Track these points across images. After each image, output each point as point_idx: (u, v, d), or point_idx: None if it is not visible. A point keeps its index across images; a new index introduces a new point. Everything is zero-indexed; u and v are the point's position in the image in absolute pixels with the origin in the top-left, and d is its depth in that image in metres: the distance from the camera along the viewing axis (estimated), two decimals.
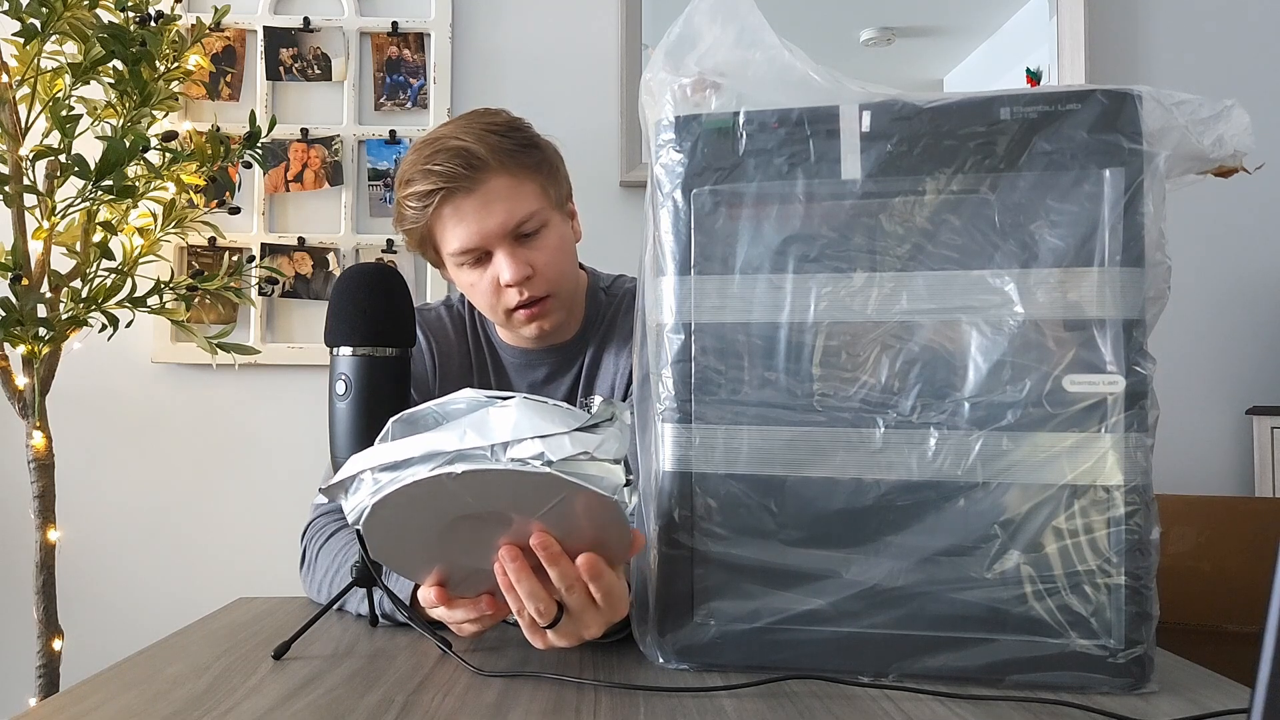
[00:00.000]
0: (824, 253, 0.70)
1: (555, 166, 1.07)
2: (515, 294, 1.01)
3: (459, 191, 0.98)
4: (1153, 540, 0.66)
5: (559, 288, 1.05)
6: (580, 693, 0.66)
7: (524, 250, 1.01)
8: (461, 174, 0.97)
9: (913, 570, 0.67)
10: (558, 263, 1.04)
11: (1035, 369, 0.66)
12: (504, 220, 0.99)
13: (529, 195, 1.01)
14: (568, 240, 1.08)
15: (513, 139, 1.01)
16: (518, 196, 1.00)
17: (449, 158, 0.97)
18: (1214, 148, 0.67)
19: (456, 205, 0.99)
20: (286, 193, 2.05)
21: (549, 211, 1.04)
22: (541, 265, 1.02)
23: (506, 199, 0.99)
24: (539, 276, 1.02)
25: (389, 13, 2.07)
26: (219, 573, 2.00)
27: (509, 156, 0.99)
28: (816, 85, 0.70)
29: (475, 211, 0.98)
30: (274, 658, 0.75)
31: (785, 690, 0.66)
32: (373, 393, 0.75)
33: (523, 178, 1.01)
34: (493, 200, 0.98)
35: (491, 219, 0.98)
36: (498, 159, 0.98)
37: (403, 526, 0.66)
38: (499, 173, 0.99)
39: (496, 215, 0.98)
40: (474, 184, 0.98)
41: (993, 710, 0.62)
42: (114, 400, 2.01)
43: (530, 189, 1.01)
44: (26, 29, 1.37)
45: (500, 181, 0.99)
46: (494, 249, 1.00)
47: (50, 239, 1.46)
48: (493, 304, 1.04)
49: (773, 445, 0.69)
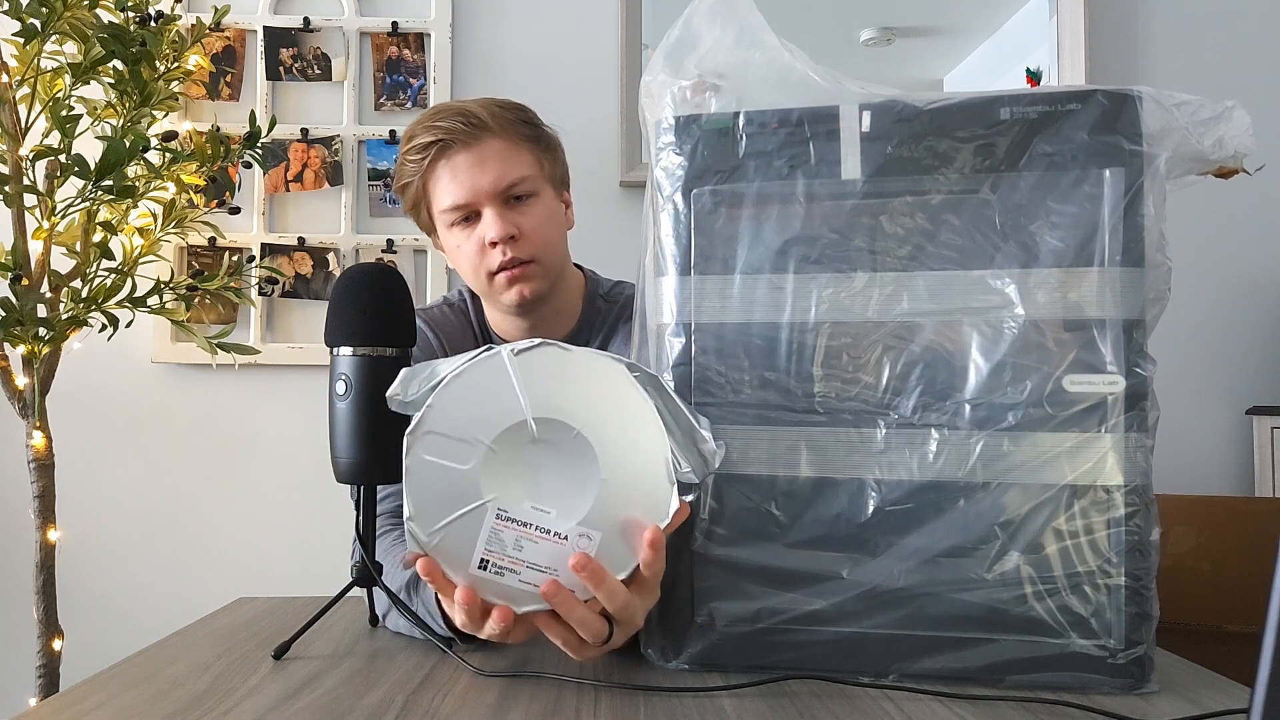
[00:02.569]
0: (824, 254, 0.70)
1: (554, 148, 1.11)
2: (499, 254, 1.03)
3: (456, 145, 1.02)
4: (1153, 541, 0.66)
5: (543, 255, 1.05)
6: (580, 693, 0.66)
7: (512, 213, 1.04)
8: (461, 129, 1.01)
9: (913, 571, 0.67)
10: (544, 230, 1.05)
11: (1036, 370, 0.66)
12: (496, 179, 1.02)
13: (524, 161, 1.04)
14: (557, 216, 1.10)
15: (514, 113, 1.06)
16: (512, 159, 1.03)
17: (451, 115, 1.02)
18: (1214, 149, 0.67)
19: (452, 160, 1.02)
20: (286, 193, 2.05)
21: (541, 183, 1.07)
22: (528, 229, 1.03)
23: (501, 159, 1.03)
24: (524, 239, 1.03)
25: (389, 13, 2.07)
26: (219, 573, 2.00)
27: (509, 124, 1.04)
28: (817, 86, 0.70)
29: (469, 168, 1.02)
30: (274, 658, 0.75)
31: (785, 690, 0.66)
32: (373, 393, 0.75)
33: (520, 145, 1.05)
34: (488, 158, 1.02)
35: (484, 176, 1.02)
36: (498, 123, 1.03)
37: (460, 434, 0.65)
38: (497, 135, 1.03)
39: (489, 173, 1.02)
40: (471, 140, 1.02)
41: (993, 710, 0.62)
42: (114, 400, 2.01)
43: (526, 157, 1.05)
44: (26, 29, 1.37)
45: (497, 143, 1.03)
46: (483, 207, 1.03)
47: (50, 239, 1.46)
48: (476, 265, 1.05)
49: (773, 446, 0.69)
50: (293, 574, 2.00)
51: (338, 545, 1.88)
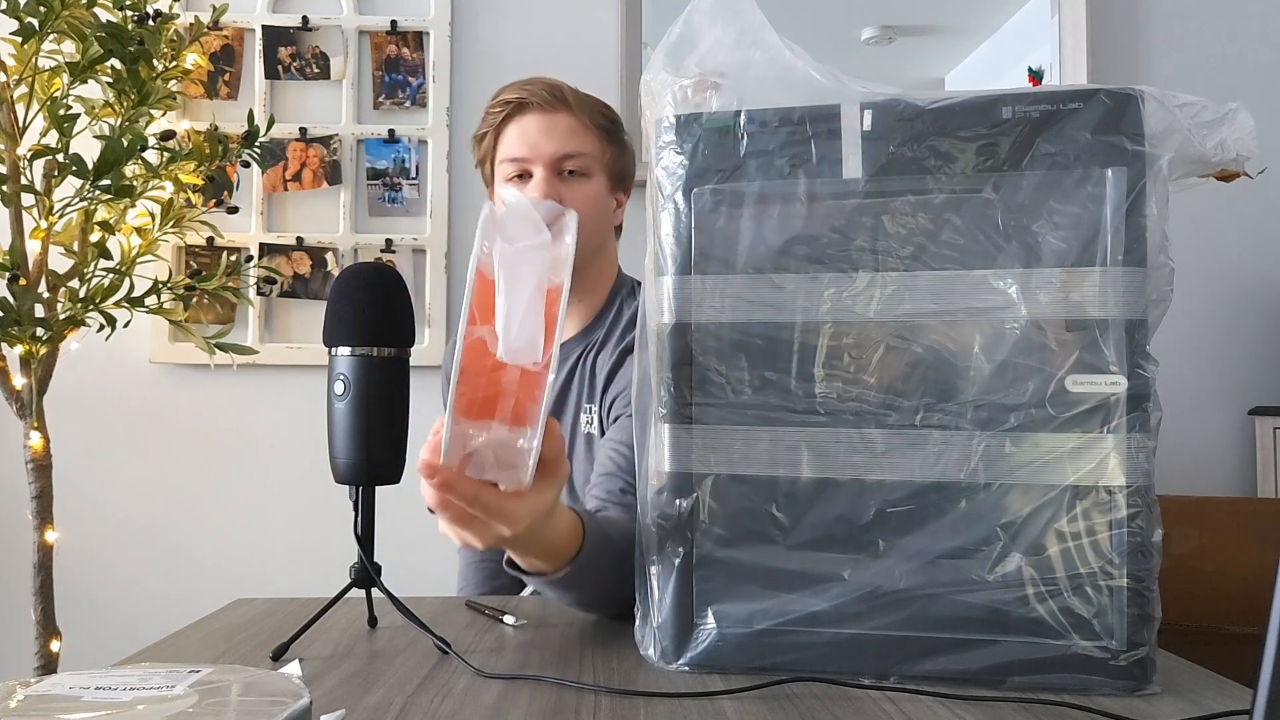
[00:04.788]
0: (826, 253, 0.69)
1: (623, 146, 1.18)
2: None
3: (532, 108, 1.11)
4: (1155, 542, 0.65)
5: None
6: (580, 695, 0.66)
7: (560, 183, 1.11)
8: (543, 96, 1.11)
9: (915, 572, 0.67)
10: (583, 210, 1.07)
11: (1038, 370, 0.66)
12: (556, 147, 1.10)
13: (588, 141, 1.12)
14: (603, 205, 1.16)
15: (599, 107, 1.15)
16: (577, 136, 1.11)
17: (540, 84, 1.12)
18: (1216, 151, 0.67)
19: (524, 119, 1.12)
20: (285, 192, 2.04)
21: (598, 168, 1.13)
22: (568, 203, 1.08)
23: (568, 131, 1.11)
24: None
25: (388, 11, 2.06)
26: (217, 573, 2.00)
27: (588, 109, 1.13)
28: (818, 84, 0.70)
29: (537, 130, 1.11)
30: (272, 659, 0.75)
31: (786, 693, 0.66)
32: (371, 393, 0.75)
33: (590, 128, 1.13)
34: (557, 128, 1.11)
35: (546, 142, 1.10)
36: (578, 104, 1.12)
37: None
38: (573, 112, 1.12)
39: (552, 140, 1.10)
40: (548, 108, 1.11)
41: (994, 712, 0.62)
42: (112, 401, 2.01)
43: (592, 139, 1.13)
44: (24, 28, 1.36)
45: (570, 119, 1.12)
46: (535, 169, 1.10)
47: (48, 238, 1.46)
48: None
49: (774, 447, 0.69)
50: (291, 575, 2.00)
51: (337, 546, 1.88)
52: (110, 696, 0.46)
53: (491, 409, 0.63)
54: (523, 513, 0.66)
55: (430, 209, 2.04)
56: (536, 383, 0.63)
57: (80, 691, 0.47)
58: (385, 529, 0.87)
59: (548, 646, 0.78)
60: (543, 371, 0.62)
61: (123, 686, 0.48)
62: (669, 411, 0.71)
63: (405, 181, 2.05)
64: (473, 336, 0.62)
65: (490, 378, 0.63)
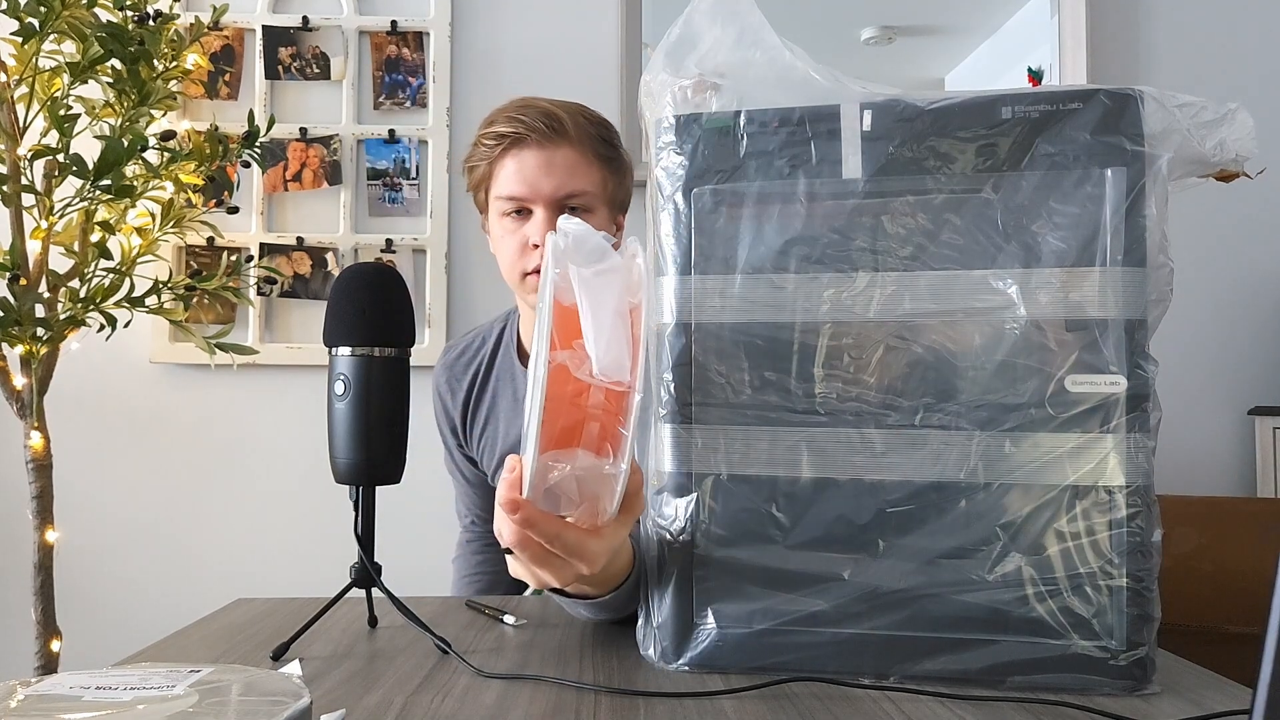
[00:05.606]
0: (826, 253, 0.69)
1: (623, 172, 1.13)
2: (539, 257, 1.05)
3: (530, 142, 1.05)
4: (1154, 542, 0.65)
5: None
6: (580, 695, 0.66)
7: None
8: (541, 129, 1.04)
9: (914, 572, 0.67)
10: None
11: (1037, 370, 0.66)
12: (557, 185, 1.04)
13: (589, 176, 1.07)
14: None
15: (598, 129, 1.09)
16: (579, 172, 1.06)
17: (536, 114, 1.05)
18: (1216, 151, 0.66)
19: (522, 155, 1.05)
20: (285, 192, 2.04)
21: (599, 202, 1.09)
22: None
23: (568, 168, 1.05)
24: None
25: (388, 11, 2.06)
26: (217, 573, 2.00)
27: (588, 138, 1.06)
28: (818, 85, 0.70)
29: (536, 167, 1.04)
30: (272, 659, 0.75)
31: (786, 693, 0.66)
32: (371, 393, 0.75)
33: (591, 160, 1.07)
34: (556, 164, 1.05)
35: (547, 179, 1.04)
36: (577, 134, 1.05)
37: None
38: (573, 145, 1.05)
39: (553, 178, 1.04)
40: (546, 142, 1.04)
41: (994, 712, 0.62)
42: (112, 401, 2.01)
43: (593, 173, 1.07)
44: (24, 28, 1.36)
45: (570, 152, 1.05)
46: (536, 208, 1.06)
47: (48, 239, 1.46)
48: (514, 261, 1.09)
49: (774, 447, 0.69)
50: (291, 575, 2.00)
51: (337, 546, 1.88)
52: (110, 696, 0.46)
53: (574, 437, 0.61)
54: (601, 551, 0.65)
55: (430, 209, 2.04)
56: (621, 405, 0.61)
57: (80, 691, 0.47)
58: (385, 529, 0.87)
59: (548, 646, 0.78)
60: (629, 392, 0.60)
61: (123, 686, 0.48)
62: (669, 412, 0.71)
63: (405, 182, 2.05)
64: (555, 363, 0.60)
65: (573, 403, 0.60)
